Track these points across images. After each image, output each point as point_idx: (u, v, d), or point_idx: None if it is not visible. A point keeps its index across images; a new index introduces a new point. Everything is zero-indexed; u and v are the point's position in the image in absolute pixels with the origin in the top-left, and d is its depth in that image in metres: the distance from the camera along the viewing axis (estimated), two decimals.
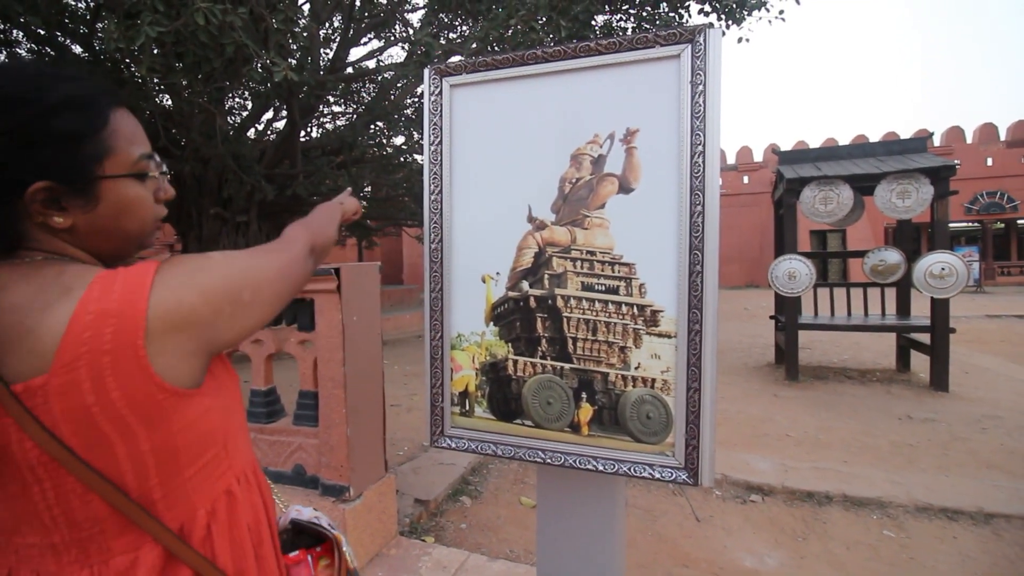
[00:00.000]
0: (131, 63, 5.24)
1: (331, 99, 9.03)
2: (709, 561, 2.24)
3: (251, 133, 9.14)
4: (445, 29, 7.59)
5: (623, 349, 1.00)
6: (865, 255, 5.31)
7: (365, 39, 8.29)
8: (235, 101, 9.00)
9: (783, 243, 5.63)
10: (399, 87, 8.10)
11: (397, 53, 9.20)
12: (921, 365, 5.46)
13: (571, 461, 1.02)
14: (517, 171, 1.05)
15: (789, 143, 24.38)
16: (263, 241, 8.89)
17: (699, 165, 0.89)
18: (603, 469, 0.99)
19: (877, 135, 20.91)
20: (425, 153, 1.11)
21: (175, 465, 0.55)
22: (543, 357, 1.05)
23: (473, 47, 5.17)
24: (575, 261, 1.02)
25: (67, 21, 5.58)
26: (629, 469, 0.98)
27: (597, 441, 1.02)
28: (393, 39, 8.42)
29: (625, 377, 1.00)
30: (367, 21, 7.56)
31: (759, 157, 23.68)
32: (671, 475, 0.95)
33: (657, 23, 6.42)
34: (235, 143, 6.58)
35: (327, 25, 8.22)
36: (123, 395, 0.50)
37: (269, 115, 9.26)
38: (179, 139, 6.97)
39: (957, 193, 5.07)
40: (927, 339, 4.96)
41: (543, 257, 1.05)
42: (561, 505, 1.15)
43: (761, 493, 2.85)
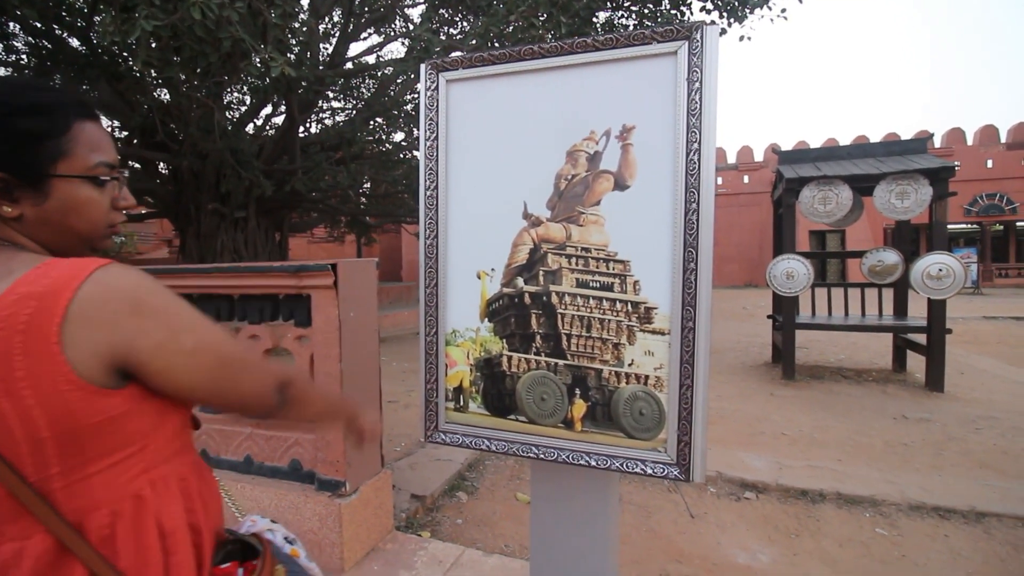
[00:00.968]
0: (128, 57, 5.23)
1: (330, 95, 9.01)
2: (703, 557, 2.25)
3: (249, 128, 9.11)
4: (445, 25, 7.57)
5: (617, 346, 1.00)
6: (863, 255, 5.32)
7: (365, 34, 8.27)
8: (234, 96, 8.98)
9: (782, 243, 5.63)
10: (399, 83, 8.08)
11: (397, 49, 9.18)
12: (917, 365, 5.47)
13: (564, 457, 1.03)
14: (513, 167, 1.06)
15: (790, 143, 24.39)
16: (262, 237, 8.91)
17: (695, 163, 0.89)
18: (596, 465, 1.00)
19: (879, 136, 20.95)
20: (421, 149, 1.11)
21: (80, 458, 0.54)
22: (537, 353, 1.06)
23: (473, 43, 5.16)
24: (570, 258, 1.03)
25: (64, 14, 5.56)
26: (622, 465, 0.99)
27: (590, 437, 1.02)
28: (393, 35, 8.40)
29: (619, 374, 1.00)
30: (367, 16, 7.54)
31: (759, 157, 23.70)
32: (663, 471, 0.96)
33: (659, 20, 6.41)
34: (233, 138, 6.56)
35: (326, 20, 8.20)
36: (28, 377, 0.50)
37: (268, 110, 9.24)
38: (177, 134, 6.95)
39: (956, 194, 5.08)
40: (924, 340, 4.98)
41: (538, 254, 1.05)
42: (555, 500, 1.16)
43: (755, 491, 2.86)
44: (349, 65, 8.03)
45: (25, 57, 6.57)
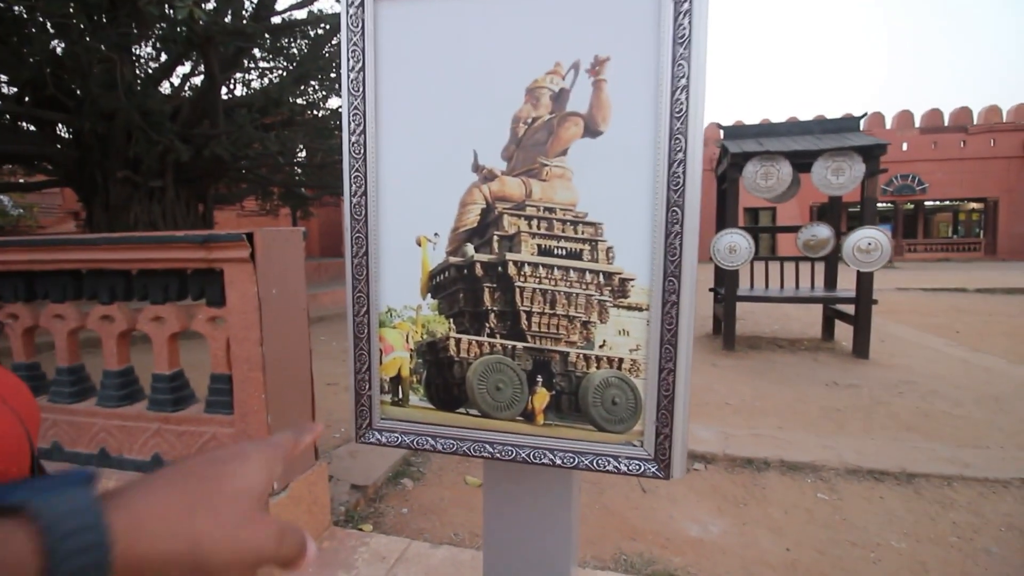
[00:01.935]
0: None
1: (257, 53, 8.24)
2: (655, 532, 2.24)
3: (166, 88, 8.23)
4: None
5: (586, 324, 0.85)
6: (798, 230, 5.51)
7: None
8: (144, 51, 8.03)
9: (724, 217, 5.73)
10: (334, 44, 7.49)
11: (331, 4, 8.50)
12: (844, 335, 5.81)
13: (524, 455, 0.87)
14: (460, 108, 0.85)
15: (729, 122, 25.24)
16: (182, 209, 8.14)
17: (681, 103, 0.73)
18: (562, 463, 0.85)
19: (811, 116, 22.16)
20: (343, 83, 0.88)
21: None
22: (491, 335, 0.89)
23: None
24: (530, 220, 0.85)
25: None
26: (591, 462, 0.85)
27: (554, 431, 0.87)
28: None
29: (588, 357, 0.85)
30: None
31: None
32: (639, 468, 0.83)
33: None
34: (142, 96, 5.83)
35: None
36: None
37: (187, 69, 8.35)
38: (73, 89, 6.11)
39: (887, 171, 5.33)
40: (851, 310, 5.25)
41: (492, 215, 0.87)
42: (510, 501, 1.01)
43: (704, 461, 2.89)
44: (277, 20, 7.33)
45: None
